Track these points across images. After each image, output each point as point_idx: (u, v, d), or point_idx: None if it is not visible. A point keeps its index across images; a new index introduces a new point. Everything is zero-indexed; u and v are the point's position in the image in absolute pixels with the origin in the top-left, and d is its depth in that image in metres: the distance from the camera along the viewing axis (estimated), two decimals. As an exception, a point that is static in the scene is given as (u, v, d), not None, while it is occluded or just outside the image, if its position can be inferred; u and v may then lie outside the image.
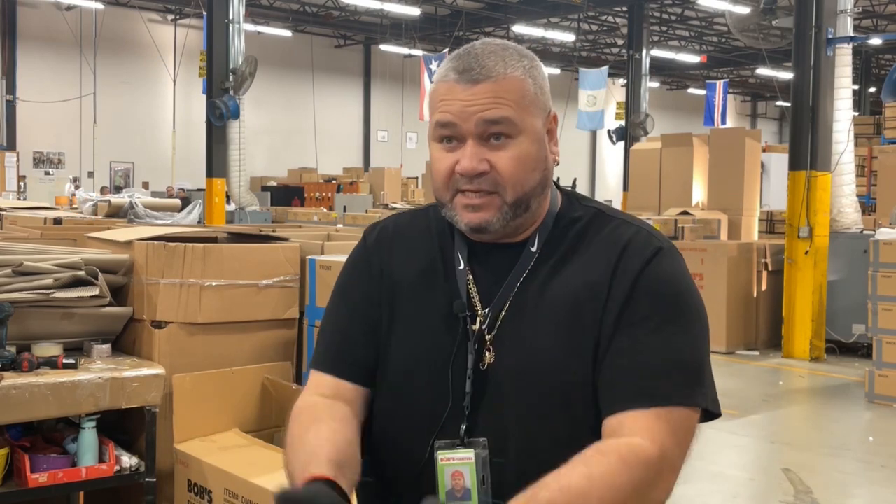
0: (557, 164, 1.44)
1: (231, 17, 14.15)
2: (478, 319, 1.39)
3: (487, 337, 1.37)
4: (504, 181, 1.35)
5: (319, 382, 1.46)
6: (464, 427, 1.35)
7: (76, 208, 11.11)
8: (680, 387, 1.31)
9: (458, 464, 1.34)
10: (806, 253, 9.39)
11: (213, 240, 3.76)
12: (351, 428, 1.37)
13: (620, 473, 1.21)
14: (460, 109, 1.35)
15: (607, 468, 1.21)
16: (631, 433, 1.27)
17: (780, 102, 35.39)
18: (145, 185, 21.19)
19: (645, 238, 1.40)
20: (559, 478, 1.20)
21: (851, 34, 9.62)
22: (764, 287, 10.22)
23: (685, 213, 11.49)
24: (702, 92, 27.95)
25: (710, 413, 1.35)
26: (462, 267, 1.43)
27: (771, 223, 12.57)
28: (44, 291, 2.99)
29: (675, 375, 1.31)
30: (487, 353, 1.37)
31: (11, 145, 20.86)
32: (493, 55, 1.37)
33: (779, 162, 13.62)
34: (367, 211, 15.48)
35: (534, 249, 1.41)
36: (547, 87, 1.43)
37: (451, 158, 1.36)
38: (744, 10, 14.78)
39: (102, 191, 18.79)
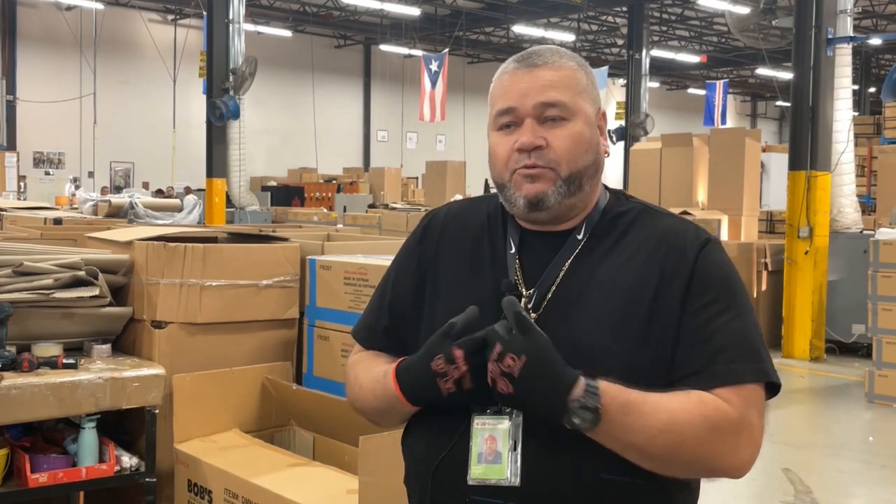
0: (608, 155, 1.55)
1: (231, 17, 14.15)
2: (523, 300, 1.44)
3: (532, 315, 1.42)
4: (559, 157, 1.45)
5: (363, 353, 1.63)
6: None
7: (76, 208, 11.11)
8: (750, 366, 1.39)
9: (491, 429, 1.39)
10: (806, 253, 9.38)
11: (213, 240, 3.76)
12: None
13: (699, 406, 1.32)
14: (519, 95, 1.46)
15: (688, 399, 1.33)
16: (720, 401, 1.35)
17: (780, 102, 35.39)
18: (145, 185, 21.18)
19: (693, 231, 1.48)
20: (644, 391, 1.31)
21: (851, 34, 9.62)
22: (764, 287, 10.22)
23: (685, 213, 11.47)
24: (702, 92, 27.96)
25: (773, 386, 1.43)
26: (513, 251, 1.50)
27: (771, 223, 12.57)
28: (44, 291, 2.99)
29: (745, 356, 1.39)
30: None
31: (11, 145, 20.85)
32: (550, 51, 1.51)
33: (779, 162, 13.62)
34: (367, 211, 15.47)
35: (580, 237, 1.48)
36: (597, 86, 1.54)
37: (511, 140, 1.47)
38: (744, 10, 14.78)
39: (103, 191, 18.79)
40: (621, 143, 20.38)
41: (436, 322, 1.47)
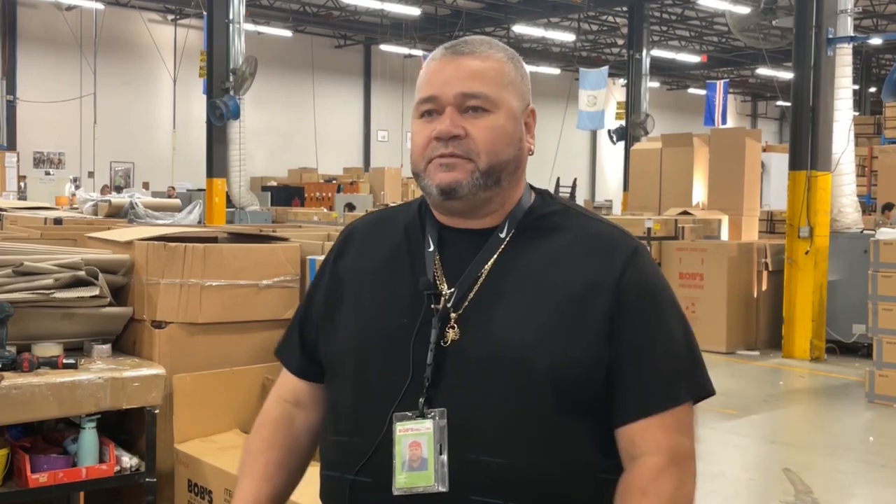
0: (532, 153, 1.50)
1: (231, 17, 14.15)
2: (442, 299, 1.41)
3: (452, 315, 1.40)
4: (478, 147, 1.41)
5: (282, 384, 1.66)
6: (422, 399, 1.36)
7: (76, 208, 11.11)
8: (681, 385, 1.40)
9: (415, 434, 1.35)
10: (806, 253, 9.38)
11: (214, 240, 3.76)
12: (290, 454, 1.59)
13: None
14: (442, 83, 1.43)
15: None
16: (643, 451, 1.37)
17: (780, 102, 35.38)
18: (145, 186, 21.17)
19: (621, 237, 1.46)
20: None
21: (851, 34, 9.62)
22: (764, 287, 10.22)
23: (685, 213, 11.49)
24: (702, 92, 27.94)
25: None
26: (431, 249, 1.46)
27: (771, 223, 12.57)
28: (44, 291, 2.98)
29: (676, 375, 1.40)
30: (451, 331, 1.39)
31: (11, 145, 20.83)
32: (479, 41, 1.48)
33: (779, 162, 13.62)
34: (366, 211, 15.47)
35: (503, 235, 1.45)
36: (528, 81, 1.51)
37: (429, 128, 1.43)
38: (744, 10, 14.78)
39: (103, 191, 18.78)
40: (621, 143, 20.37)
41: (346, 325, 1.47)
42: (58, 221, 5.76)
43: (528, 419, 1.34)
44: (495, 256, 1.43)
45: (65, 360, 2.92)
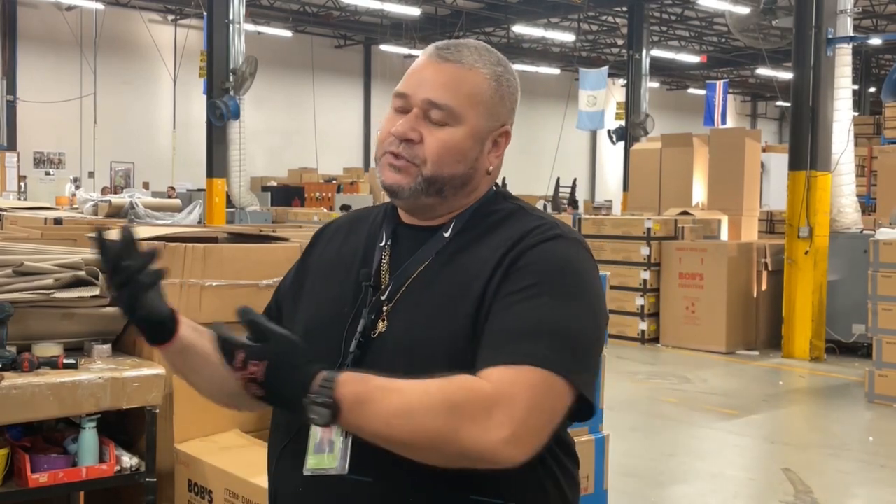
0: (490, 173, 1.50)
1: (231, 17, 14.15)
2: (378, 291, 1.46)
3: (385, 308, 1.43)
4: (425, 156, 1.42)
5: None
6: None
7: (76, 208, 11.10)
8: (544, 350, 1.28)
9: None
10: (806, 253, 9.39)
11: (214, 240, 3.76)
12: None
13: (440, 385, 1.24)
14: (416, 84, 1.44)
15: (433, 383, 1.25)
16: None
17: (780, 102, 35.36)
18: (145, 186, 21.16)
19: (548, 226, 1.43)
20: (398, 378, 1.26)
21: (851, 34, 9.63)
22: (764, 287, 10.22)
23: (685, 213, 11.49)
24: (702, 92, 27.93)
25: (583, 404, 1.33)
26: (382, 244, 1.51)
27: (771, 223, 12.58)
28: (44, 291, 2.99)
29: (541, 340, 1.29)
30: (381, 323, 1.42)
31: (12, 145, 20.84)
32: (475, 50, 1.47)
33: (779, 162, 13.62)
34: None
35: (447, 234, 1.47)
36: (509, 101, 1.49)
37: (394, 122, 1.46)
38: (744, 10, 14.78)
39: (103, 191, 18.78)
40: (621, 144, 20.38)
41: (301, 311, 1.53)
42: (58, 221, 5.76)
43: None
44: (434, 254, 1.45)
45: (65, 360, 2.92)
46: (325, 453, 1.38)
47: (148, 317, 1.44)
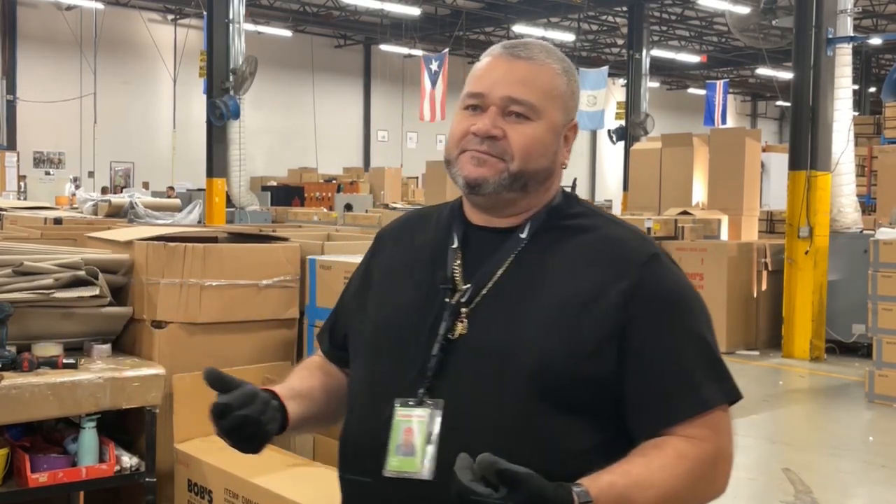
0: (565, 167, 1.53)
1: (231, 17, 14.14)
2: (457, 294, 1.45)
3: (463, 310, 1.43)
4: (512, 150, 1.43)
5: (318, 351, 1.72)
6: (423, 389, 1.39)
7: (76, 208, 11.10)
8: (716, 387, 1.41)
9: (411, 421, 1.39)
10: (806, 253, 9.38)
11: (214, 240, 3.76)
12: (323, 381, 1.62)
13: (678, 465, 1.34)
14: (491, 83, 1.45)
15: (665, 460, 1.33)
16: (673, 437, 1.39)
17: (780, 102, 35.37)
18: (145, 185, 21.16)
19: (639, 242, 1.46)
20: (620, 464, 1.31)
21: (851, 34, 9.62)
22: (764, 287, 10.22)
23: (685, 213, 11.49)
24: (702, 92, 27.94)
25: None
26: (455, 246, 1.50)
27: (771, 223, 12.57)
28: (44, 291, 2.99)
29: (711, 379, 1.41)
30: (460, 325, 1.42)
31: (11, 145, 20.84)
32: (539, 47, 1.50)
33: (779, 162, 13.61)
34: (366, 211, 15.46)
35: (523, 236, 1.47)
36: (577, 97, 1.52)
37: (470, 121, 1.46)
38: (744, 9, 14.77)
39: (103, 191, 18.78)
40: (621, 143, 20.37)
41: (371, 313, 1.53)
42: (58, 221, 5.76)
43: (511, 413, 1.35)
44: (513, 256, 1.45)
45: (65, 360, 2.93)
46: (409, 456, 1.37)
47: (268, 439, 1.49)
